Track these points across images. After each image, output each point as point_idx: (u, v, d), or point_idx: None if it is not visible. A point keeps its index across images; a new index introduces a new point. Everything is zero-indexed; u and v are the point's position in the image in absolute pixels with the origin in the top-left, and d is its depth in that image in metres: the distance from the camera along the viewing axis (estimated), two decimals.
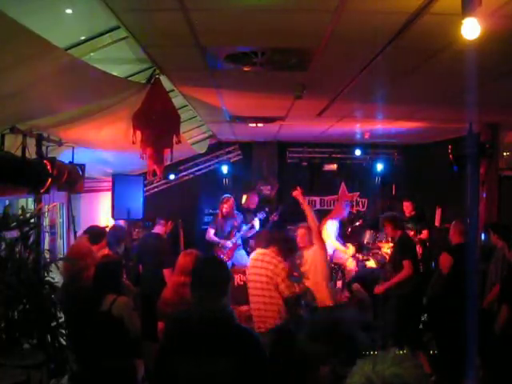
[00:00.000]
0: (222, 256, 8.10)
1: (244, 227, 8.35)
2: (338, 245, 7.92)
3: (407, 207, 9.09)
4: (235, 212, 8.38)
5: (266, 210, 9.40)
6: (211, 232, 8.25)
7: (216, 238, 8.20)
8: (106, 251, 5.13)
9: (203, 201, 10.25)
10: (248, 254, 7.42)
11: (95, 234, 5.22)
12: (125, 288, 4.20)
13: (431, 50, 3.50)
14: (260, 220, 8.61)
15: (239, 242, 8.33)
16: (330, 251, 8.01)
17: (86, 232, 5.35)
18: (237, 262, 8.00)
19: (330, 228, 8.04)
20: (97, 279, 3.95)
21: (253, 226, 8.43)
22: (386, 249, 9.30)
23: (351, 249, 8.12)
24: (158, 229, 6.66)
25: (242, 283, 6.88)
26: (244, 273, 6.05)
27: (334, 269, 7.51)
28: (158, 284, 5.14)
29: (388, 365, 1.26)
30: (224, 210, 8.22)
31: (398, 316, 5.71)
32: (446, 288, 5.64)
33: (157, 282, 5.58)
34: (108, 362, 3.76)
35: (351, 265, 7.81)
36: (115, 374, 3.77)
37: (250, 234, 8.45)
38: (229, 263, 7.91)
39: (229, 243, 8.15)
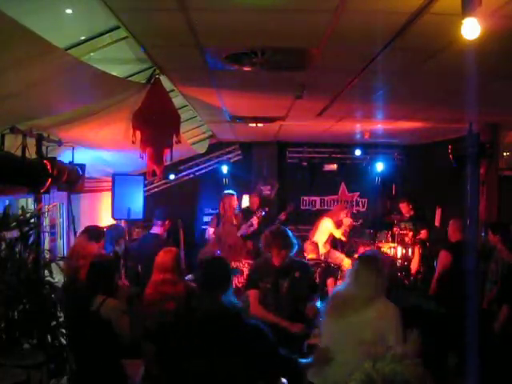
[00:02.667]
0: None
1: (243, 226, 8.33)
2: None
3: (404, 208, 9.13)
4: (236, 211, 8.36)
5: (266, 209, 9.40)
6: (211, 231, 8.24)
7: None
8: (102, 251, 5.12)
9: (203, 201, 10.26)
10: None
11: (94, 232, 5.21)
12: (118, 289, 4.19)
13: (431, 50, 3.50)
14: (258, 219, 8.59)
15: None
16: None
17: (84, 232, 5.35)
18: None
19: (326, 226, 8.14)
20: (88, 278, 3.95)
21: (251, 225, 8.41)
22: (387, 248, 9.33)
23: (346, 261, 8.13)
24: (156, 229, 6.66)
25: (240, 285, 6.20)
26: (242, 273, 5.99)
27: (333, 268, 7.53)
28: None
29: (388, 362, 1.27)
30: (228, 206, 8.18)
31: None
32: (446, 286, 5.64)
33: None
34: (96, 362, 3.77)
35: (347, 264, 7.82)
36: (104, 375, 3.78)
37: (248, 232, 8.43)
38: None
39: None
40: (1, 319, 4.03)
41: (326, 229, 8.53)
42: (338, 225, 8.62)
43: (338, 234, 8.56)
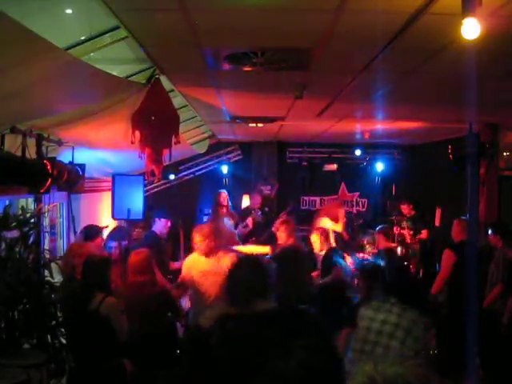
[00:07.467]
0: None
1: (239, 225, 8.32)
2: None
3: (405, 209, 9.11)
4: (231, 210, 8.35)
5: (266, 209, 9.39)
6: None
7: None
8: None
9: (203, 201, 10.25)
10: None
11: (89, 231, 5.25)
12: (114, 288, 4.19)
13: (431, 50, 3.50)
14: (253, 219, 8.57)
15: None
16: None
17: (80, 231, 5.39)
18: None
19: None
20: (83, 277, 3.94)
21: (247, 225, 8.40)
22: None
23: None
24: (157, 227, 6.66)
25: None
26: None
27: None
28: None
29: (390, 364, 1.26)
30: (221, 203, 8.17)
31: None
32: (448, 286, 5.64)
33: None
34: (95, 361, 3.77)
35: (348, 259, 7.76)
36: (102, 374, 3.78)
37: (244, 233, 8.43)
38: None
39: None
40: (1, 319, 4.04)
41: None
42: (336, 220, 8.39)
43: (340, 227, 8.32)
